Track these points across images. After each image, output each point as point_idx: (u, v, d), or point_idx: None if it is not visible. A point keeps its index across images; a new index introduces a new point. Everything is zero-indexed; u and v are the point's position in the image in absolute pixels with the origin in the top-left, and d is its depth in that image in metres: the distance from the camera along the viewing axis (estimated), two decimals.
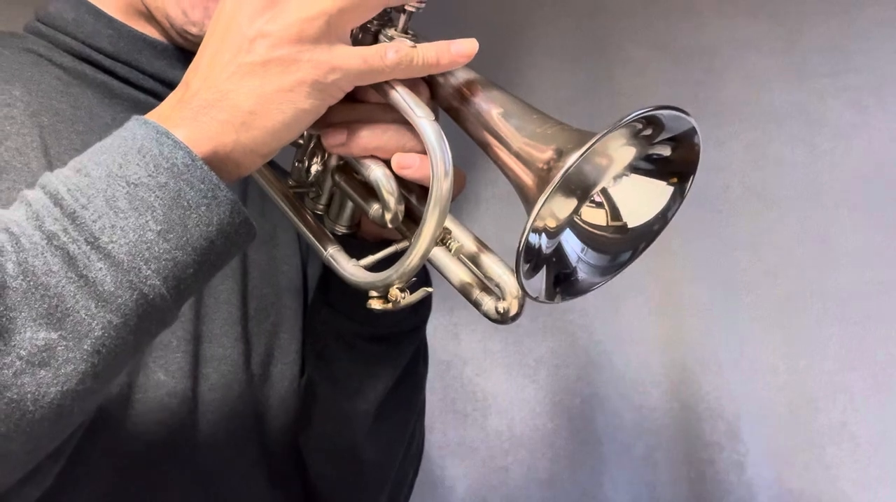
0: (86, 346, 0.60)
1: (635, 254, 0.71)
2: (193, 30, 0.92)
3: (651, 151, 0.68)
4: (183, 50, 0.96)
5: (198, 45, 0.71)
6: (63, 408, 0.61)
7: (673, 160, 0.68)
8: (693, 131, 0.66)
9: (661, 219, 0.70)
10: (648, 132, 0.66)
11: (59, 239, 0.60)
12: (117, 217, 0.61)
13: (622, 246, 0.70)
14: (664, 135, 0.66)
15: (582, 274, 0.70)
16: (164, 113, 0.68)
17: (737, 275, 1.92)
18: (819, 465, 1.86)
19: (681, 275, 1.92)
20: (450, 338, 1.98)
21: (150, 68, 0.95)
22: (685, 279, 1.93)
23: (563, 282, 0.70)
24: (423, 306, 0.97)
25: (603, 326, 1.96)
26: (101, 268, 0.60)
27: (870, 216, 1.87)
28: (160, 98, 0.91)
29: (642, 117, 0.63)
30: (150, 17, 0.94)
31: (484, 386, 2.00)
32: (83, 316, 0.60)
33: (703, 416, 1.92)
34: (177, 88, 0.70)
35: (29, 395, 0.59)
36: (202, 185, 0.64)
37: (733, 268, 1.92)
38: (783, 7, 1.92)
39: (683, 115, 0.64)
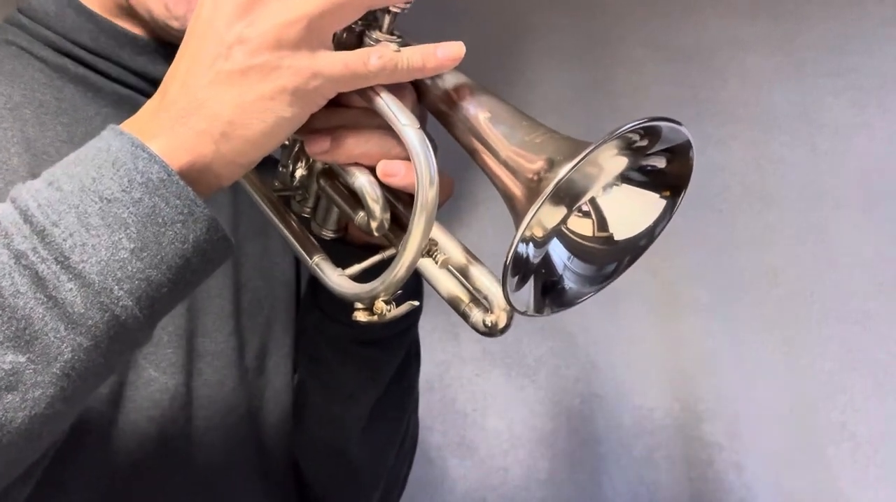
0: (55, 370, 0.59)
1: (620, 267, 0.69)
2: (176, 24, 0.89)
3: (645, 162, 0.66)
4: (166, 45, 0.94)
5: (181, 39, 0.69)
6: (31, 433, 0.60)
7: (667, 173, 0.66)
8: (688, 144, 0.64)
9: (649, 235, 0.68)
10: (644, 143, 0.64)
11: (27, 258, 0.59)
12: (89, 234, 0.60)
13: (607, 257, 0.68)
14: (659, 147, 0.65)
15: (569, 283, 0.68)
16: (141, 122, 0.66)
17: (737, 275, 1.92)
18: (819, 465, 1.86)
19: (681, 275, 1.92)
20: (450, 339, 1.98)
21: (131, 64, 0.93)
22: (685, 279, 1.92)
23: (551, 292, 0.68)
24: (414, 308, 0.96)
25: (603, 326, 1.96)
26: (71, 288, 0.59)
27: (870, 216, 1.87)
28: (142, 93, 0.90)
29: (640, 128, 0.62)
30: (132, 12, 0.92)
31: (484, 387, 2.00)
32: (52, 338, 0.58)
33: (703, 416, 1.92)
34: (154, 95, 0.68)
35: None
36: (178, 201, 0.62)
37: (733, 268, 1.92)
38: (783, 7, 1.92)
39: (679, 128, 0.62)
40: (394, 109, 0.67)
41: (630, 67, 1.97)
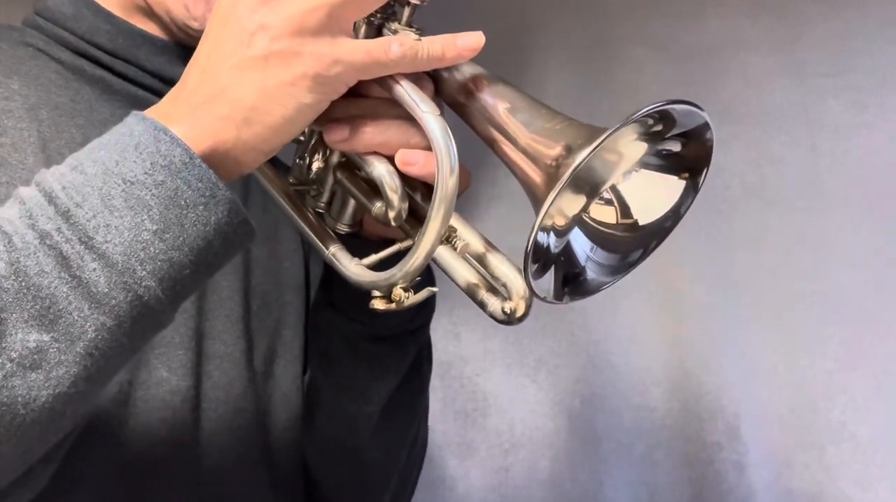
0: (78, 349, 0.59)
1: (646, 252, 0.69)
2: (195, 24, 0.90)
3: (661, 147, 0.66)
4: (184, 46, 0.94)
5: (199, 40, 0.69)
6: (55, 412, 0.60)
7: (684, 156, 0.67)
8: (706, 126, 0.64)
9: (674, 216, 0.68)
10: (659, 128, 0.65)
11: (52, 238, 0.59)
12: (112, 216, 0.60)
13: (632, 244, 0.69)
14: (675, 131, 0.65)
15: (591, 273, 0.68)
16: (163, 109, 0.66)
17: (737, 275, 1.92)
18: (819, 465, 1.85)
19: (681, 274, 1.91)
20: (450, 338, 1.98)
21: (149, 65, 0.93)
22: (685, 279, 1.92)
23: (572, 282, 0.68)
24: (427, 306, 0.95)
25: (603, 326, 1.96)
26: (94, 268, 0.59)
27: (870, 216, 1.87)
28: (159, 95, 0.90)
29: (654, 112, 0.62)
30: (150, 12, 0.93)
31: (484, 387, 2.00)
32: (76, 317, 0.59)
33: (703, 416, 1.91)
34: (177, 84, 0.69)
35: (20, 398, 0.58)
36: (200, 184, 0.62)
37: (733, 268, 1.92)
38: (783, 7, 1.92)
39: (696, 110, 0.63)
40: (414, 97, 0.67)
41: (630, 67, 1.97)
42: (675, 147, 0.66)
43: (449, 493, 1.97)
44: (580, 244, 0.68)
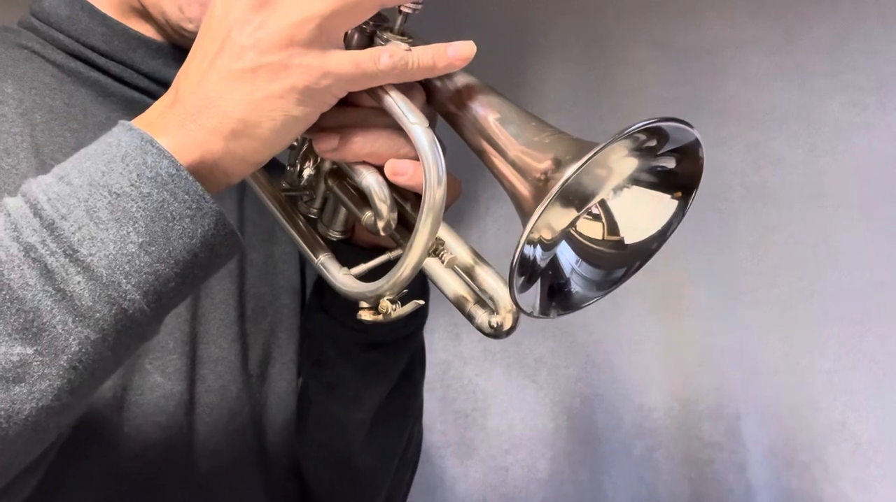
0: (62, 362, 0.59)
1: (629, 271, 0.68)
2: (190, 26, 0.89)
3: (655, 163, 0.65)
4: (179, 48, 0.94)
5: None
6: (38, 425, 0.60)
7: (678, 173, 0.66)
8: (697, 143, 0.63)
9: (660, 238, 0.68)
10: (652, 143, 0.64)
11: (36, 251, 0.59)
12: (98, 228, 0.60)
13: (617, 261, 0.68)
14: (668, 147, 0.64)
15: (576, 286, 0.68)
16: (151, 119, 0.66)
17: (737, 275, 1.92)
18: (819, 465, 1.86)
19: (681, 275, 1.92)
20: (450, 338, 1.98)
21: (144, 67, 0.93)
22: (685, 279, 1.92)
23: (558, 295, 0.68)
24: (420, 312, 0.94)
25: (603, 326, 1.96)
26: (79, 281, 0.59)
27: (870, 216, 1.87)
28: (155, 97, 0.89)
29: (646, 128, 0.61)
30: (145, 14, 0.92)
31: (484, 387, 2.00)
32: (60, 331, 0.59)
33: (703, 416, 1.92)
34: (166, 93, 0.68)
35: (2, 412, 0.58)
36: (186, 196, 0.62)
37: (733, 268, 1.92)
38: (783, 7, 1.92)
39: (686, 127, 0.62)
40: (403, 108, 0.67)
41: (630, 67, 1.97)
42: (670, 164, 0.65)
43: (449, 493, 1.97)
44: (566, 257, 0.67)
